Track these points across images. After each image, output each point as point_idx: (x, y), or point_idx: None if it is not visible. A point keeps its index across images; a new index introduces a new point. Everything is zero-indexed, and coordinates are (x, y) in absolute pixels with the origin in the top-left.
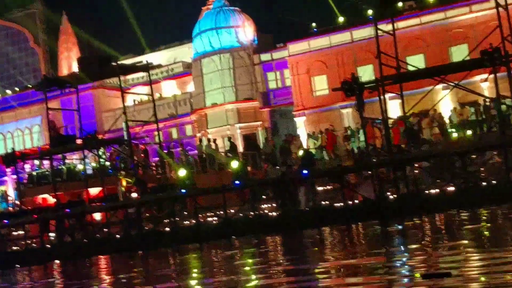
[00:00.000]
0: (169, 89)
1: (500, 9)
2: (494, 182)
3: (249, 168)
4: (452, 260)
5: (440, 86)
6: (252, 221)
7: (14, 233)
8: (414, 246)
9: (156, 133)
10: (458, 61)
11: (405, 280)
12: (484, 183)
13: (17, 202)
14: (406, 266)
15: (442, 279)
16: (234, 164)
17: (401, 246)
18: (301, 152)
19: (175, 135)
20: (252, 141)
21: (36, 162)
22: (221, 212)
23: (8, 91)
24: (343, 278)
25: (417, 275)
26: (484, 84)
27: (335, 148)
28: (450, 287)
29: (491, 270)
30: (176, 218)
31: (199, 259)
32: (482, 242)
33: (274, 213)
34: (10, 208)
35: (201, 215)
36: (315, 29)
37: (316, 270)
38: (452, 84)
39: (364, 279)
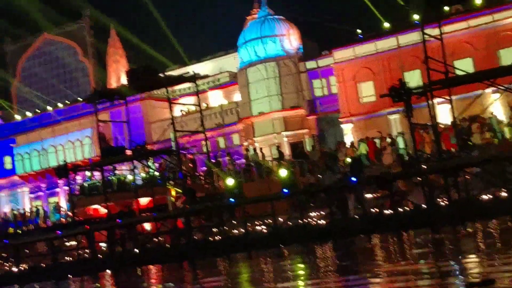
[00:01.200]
0: (215, 99)
1: None
2: None
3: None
4: (503, 268)
5: (490, 90)
6: (300, 229)
7: (67, 243)
8: (466, 254)
9: (203, 142)
10: (507, 65)
11: None
12: None
13: (69, 213)
14: (456, 273)
15: (487, 286)
16: (283, 173)
17: (453, 254)
18: (349, 159)
19: (222, 144)
20: (299, 149)
21: (87, 173)
22: (270, 221)
23: (60, 105)
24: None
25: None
26: None
27: (379, 155)
28: None
29: None
30: (225, 227)
31: (248, 268)
32: None
33: (323, 221)
34: (63, 219)
35: (249, 224)
36: (360, 36)
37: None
38: (502, 87)
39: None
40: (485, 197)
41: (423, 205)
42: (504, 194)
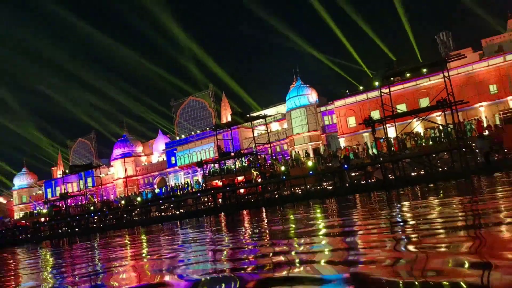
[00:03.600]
0: (275, 127)
1: (445, 78)
2: (445, 168)
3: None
4: (418, 211)
5: (414, 120)
6: (321, 192)
7: (203, 199)
8: (402, 203)
9: (269, 149)
10: (424, 107)
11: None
12: (439, 169)
13: (203, 184)
14: (395, 214)
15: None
16: (309, 163)
17: (396, 204)
18: (342, 156)
19: (278, 149)
20: (318, 151)
21: (212, 165)
22: (302, 187)
23: (198, 131)
24: (364, 216)
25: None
26: (438, 117)
27: (358, 154)
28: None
29: (443, 210)
30: (280, 191)
31: (292, 209)
32: (439, 196)
33: (330, 187)
34: (200, 188)
35: (293, 189)
36: (347, 93)
37: (353, 215)
38: (421, 118)
39: (374, 215)
40: (413, 174)
41: (381, 179)
42: (422, 172)
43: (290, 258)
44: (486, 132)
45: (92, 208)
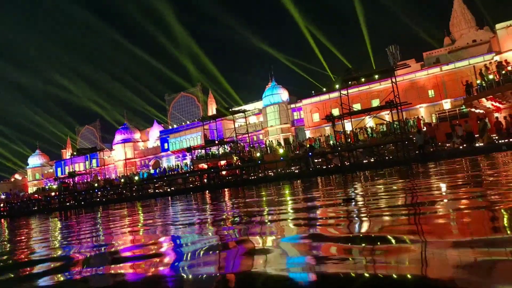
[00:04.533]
0: (253, 119)
1: (393, 83)
2: (390, 157)
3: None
4: (366, 188)
5: (367, 117)
6: (290, 174)
7: (191, 179)
8: (354, 184)
9: (247, 138)
10: (375, 106)
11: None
12: (386, 158)
13: (192, 167)
14: (349, 193)
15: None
16: (281, 151)
17: (350, 184)
18: (308, 145)
19: (255, 138)
20: (288, 141)
21: (199, 150)
22: (274, 171)
23: (187, 121)
24: (325, 196)
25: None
26: (386, 115)
27: (321, 143)
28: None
29: (386, 188)
30: (256, 173)
31: (265, 188)
32: (385, 179)
33: (297, 171)
34: (188, 169)
35: (266, 172)
36: (313, 93)
37: (314, 192)
38: (372, 115)
39: (330, 192)
40: (365, 161)
41: (339, 165)
42: (372, 160)
43: (262, 219)
44: (424, 128)
45: (96, 185)
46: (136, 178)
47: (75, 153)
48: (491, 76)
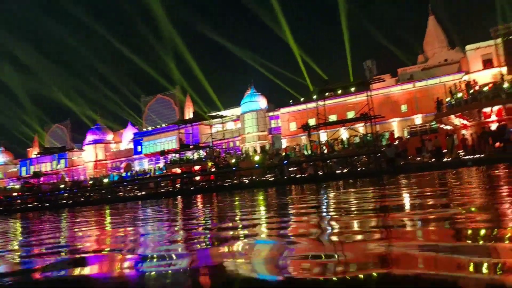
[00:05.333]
0: (231, 125)
1: (368, 96)
2: (363, 168)
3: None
4: (337, 196)
5: (342, 128)
6: (264, 182)
7: (162, 184)
8: (329, 193)
9: (224, 144)
10: (350, 118)
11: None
12: (359, 169)
13: (165, 171)
14: (322, 200)
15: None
16: (257, 158)
17: (322, 192)
18: (283, 154)
19: (232, 144)
20: (264, 148)
21: (173, 154)
22: (250, 178)
23: (163, 124)
24: (297, 200)
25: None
26: (360, 127)
27: (295, 152)
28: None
29: (356, 196)
30: (230, 179)
31: (240, 195)
32: (356, 188)
33: (272, 179)
34: (161, 173)
35: (241, 179)
36: (291, 102)
37: (288, 199)
38: (347, 127)
39: (303, 202)
40: (338, 171)
41: (313, 174)
42: (345, 170)
43: (235, 224)
44: (396, 142)
45: (62, 186)
46: (106, 180)
47: (42, 151)
48: (460, 95)
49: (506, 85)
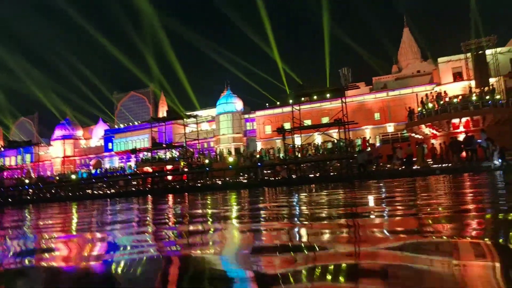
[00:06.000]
0: (205, 126)
1: (343, 103)
2: (335, 173)
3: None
4: (308, 198)
5: (316, 133)
6: (237, 184)
7: (133, 182)
8: (300, 195)
9: (198, 144)
10: (325, 123)
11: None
12: (331, 174)
13: (136, 169)
14: (294, 201)
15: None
16: (231, 159)
17: (295, 195)
18: (258, 156)
19: (206, 145)
20: (239, 151)
21: (145, 153)
22: (223, 179)
23: (136, 122)
24: (270, 202)
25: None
26: (334, 133)
27: (270, 155)
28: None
29: (326, 198)
30: (203, 180)
31: (212, 197)
32: (328, 189)
33: (245, 181)
34: (132, 172)
35: (214, 180)
36: (267, 105)
37: (261, 199)
38: (321, 132)
39: (276, 203)
40: (311, 175)
41: (286, 177)
42: (318, 174)
43: (205, 218)
44: (369, 149)
45: (27, 181)
46: (73, 176)
47: (6, 145)
48: (430, 105)
49: (474, 97)
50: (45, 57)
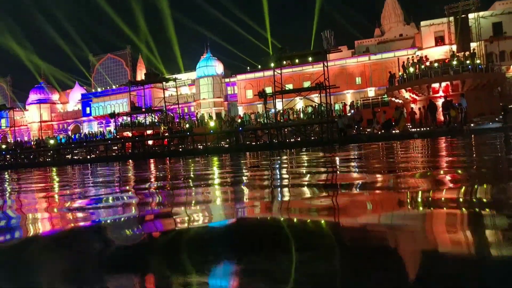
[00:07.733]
0: (185, 90)
1: (325, 67)
2: (315, 138)
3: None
4: (288, 159)
5: (298, 98)
6: (219, 148)
7: (114, 147)
8: (281, 156)
9: (178, 109)
10: (306, 87)
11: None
12: (312, 138)
13: (116, 134)
14: (276, 161)
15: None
16: (212, 124)
17: (277, 157)
18: (239, 121)
19: (186, 110)
20: (220, 116)
21: (124, 117)
22: (204, 144)
23: (114, 86)
24: (253, 163)
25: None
26: (316, 97)
27: (251, 120)
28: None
29: (306, 159)
30: (184, 145)
31: (193, 160)
32: (309, 153)
33: (227, 145)
34: (112, 137)
35: (195, 145)
36: (248, 69)
37: (242, 160)
38: (302, 96)
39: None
40: (292, 140)
41: (267, 142)
42: (299, 139)
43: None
44: (350, 113)
45: (4, 146)
46: (52, 141)
47: None
48: (411, 69)
49: (455, 62)
50: (19, 16)
